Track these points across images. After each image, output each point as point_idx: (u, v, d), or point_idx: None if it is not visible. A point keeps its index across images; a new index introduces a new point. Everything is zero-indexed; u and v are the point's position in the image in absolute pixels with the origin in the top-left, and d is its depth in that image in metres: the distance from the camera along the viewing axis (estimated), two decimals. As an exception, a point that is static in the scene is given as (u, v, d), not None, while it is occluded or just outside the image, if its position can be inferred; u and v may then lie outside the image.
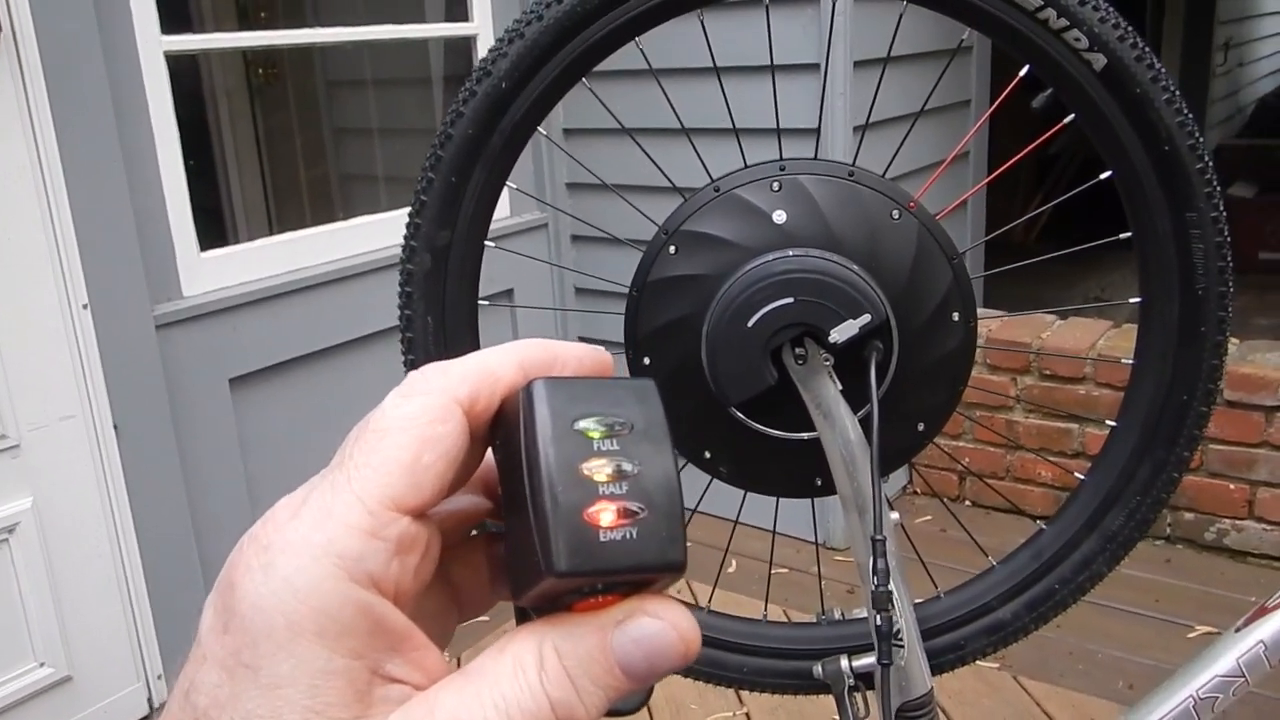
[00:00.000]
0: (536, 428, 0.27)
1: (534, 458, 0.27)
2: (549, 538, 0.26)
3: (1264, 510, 2.30)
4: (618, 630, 0.27)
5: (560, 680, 0.26)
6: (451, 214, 0.91)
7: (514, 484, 0.28)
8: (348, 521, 0.26)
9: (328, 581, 0.25)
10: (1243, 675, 0.97)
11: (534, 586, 0.27)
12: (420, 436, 0.27)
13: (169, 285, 1.90)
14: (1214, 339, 0.88)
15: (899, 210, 0.87)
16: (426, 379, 0.29)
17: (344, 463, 0.27)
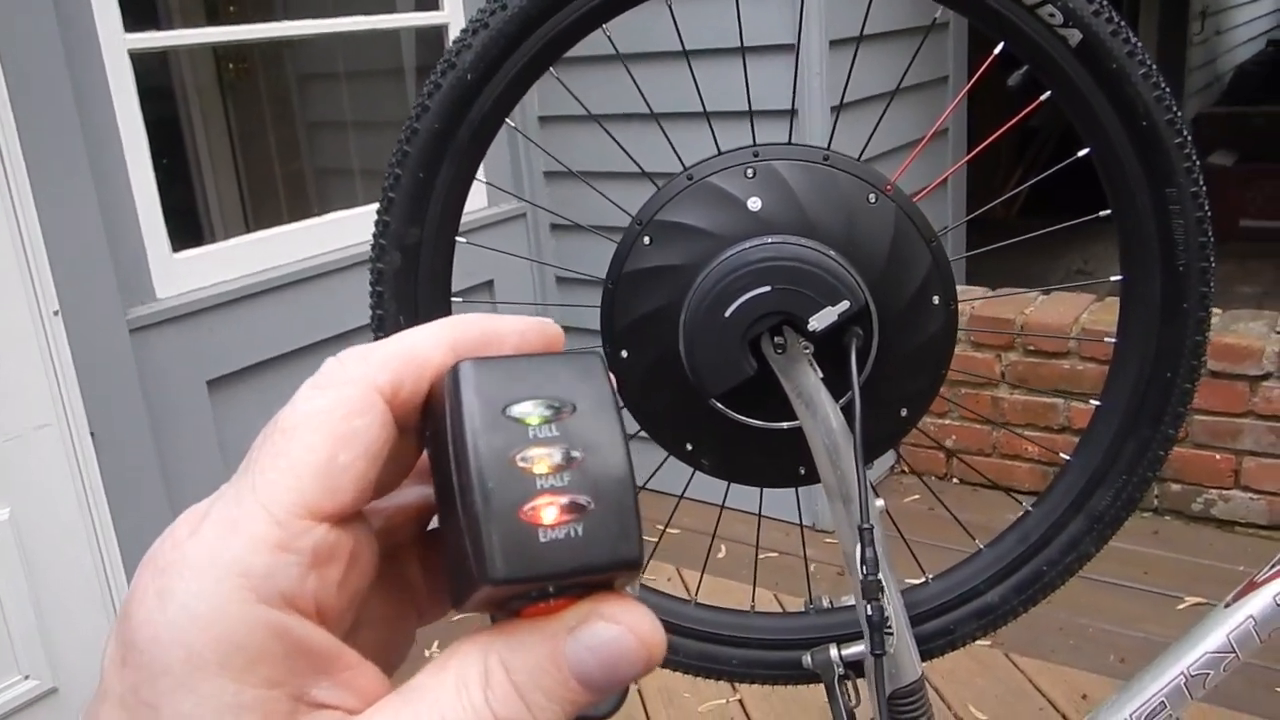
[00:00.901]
0: (464, 416, 0.24)
1: (461, 451, 0.24)
2: (482, 542, 0.23)
3: (1250, 479, 2.31)
4: (570, 639, 0.24)
5: (508, 698, 0.24)
6: (420, 210, 0.89)
7: (444, 481, 0.25)
8: (253, 534, 0.23)
9: (232, 605, 0.23)
10: (1233, 651, 0.97)
11: (470, 595, 0.24)
12: (334, 433, 0.24)
13: (142, 288, 1.88)
14: (1196, 315, 0.87)
15: (875, 194, 0.85)
16: (344, 366, 0.26)
17: (249, 468, 0.24)
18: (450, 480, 0.24)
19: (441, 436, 0.25)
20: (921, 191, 0.96)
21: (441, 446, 0.25)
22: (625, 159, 1.03)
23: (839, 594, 1.06)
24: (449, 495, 0.25)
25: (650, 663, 0.25)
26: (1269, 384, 2.22)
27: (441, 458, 0.25)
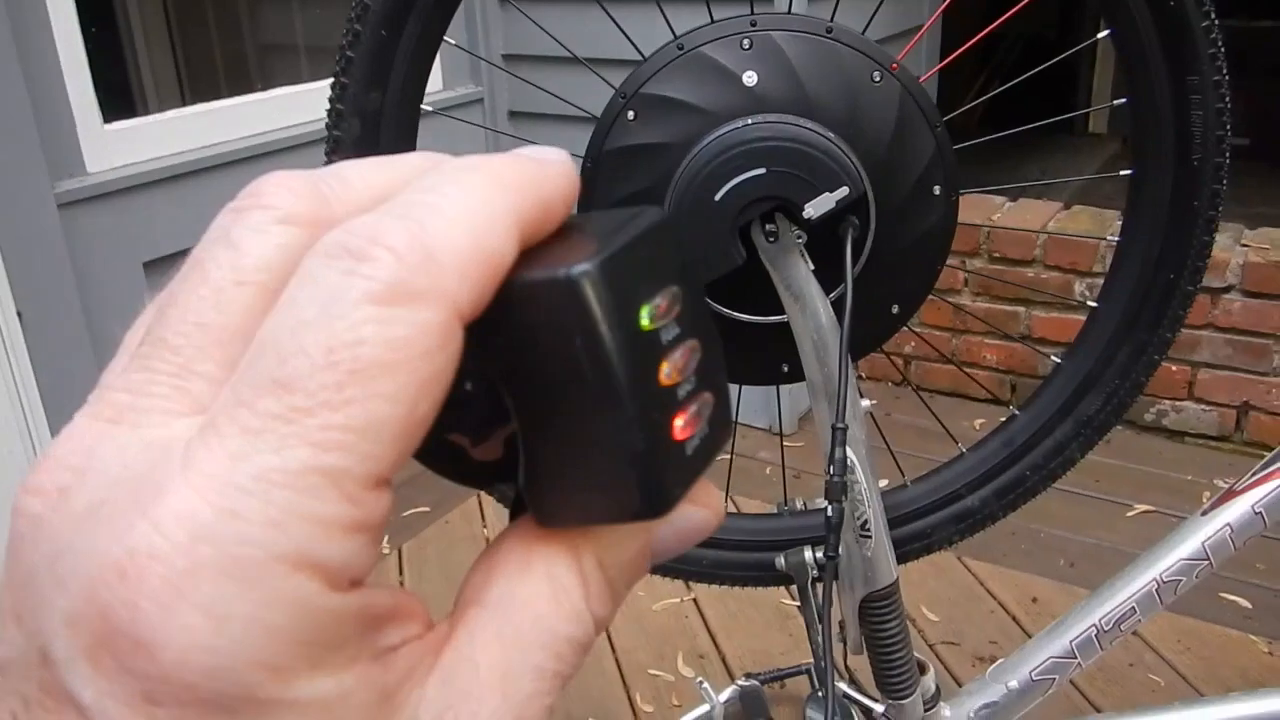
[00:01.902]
0: (602, 339, 0.20)
1: (605, 371, 0.20)
2: (648, 478, 0.20)
3: (1203, 391, 2.33)
4: (664, 525, 0.23)
5: (605, 595, 0.22)
6: (382, 73, 0.81)
7: (562, 398, 0.20)
8: (323, 516, 0.17)
9: (312, 600, 0.17)
10: (1207, 558, 0.96)
11: (602, 521, 0.22)
12: (419, 378, 0.18)
13: (70, 160, 1.76)
14: (1207, 214, 0.83)
15: (880, 72, 0.79)
16: (411, 267, 0.18)
17: (293, 414, 0.17)
18: (578, 407, 0.20)
19: (552, 355, 0.20)
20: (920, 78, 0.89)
21: (549, 364, 0.20)
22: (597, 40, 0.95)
23: (811, 500, 1.03)
24: (568, 419, 0.21)
25: (708, 536, 0.24)
26: (1230, 297, 2.23)
27: (547, 375, 0.20)
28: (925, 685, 0.96)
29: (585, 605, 0.21)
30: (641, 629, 1.81)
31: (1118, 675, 1.67)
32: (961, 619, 1.82)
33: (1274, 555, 1.93)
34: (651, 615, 1.85)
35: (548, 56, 2.19)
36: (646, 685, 1.70)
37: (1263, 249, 2.21)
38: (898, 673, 0.93)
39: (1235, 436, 2.34)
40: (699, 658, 1.75)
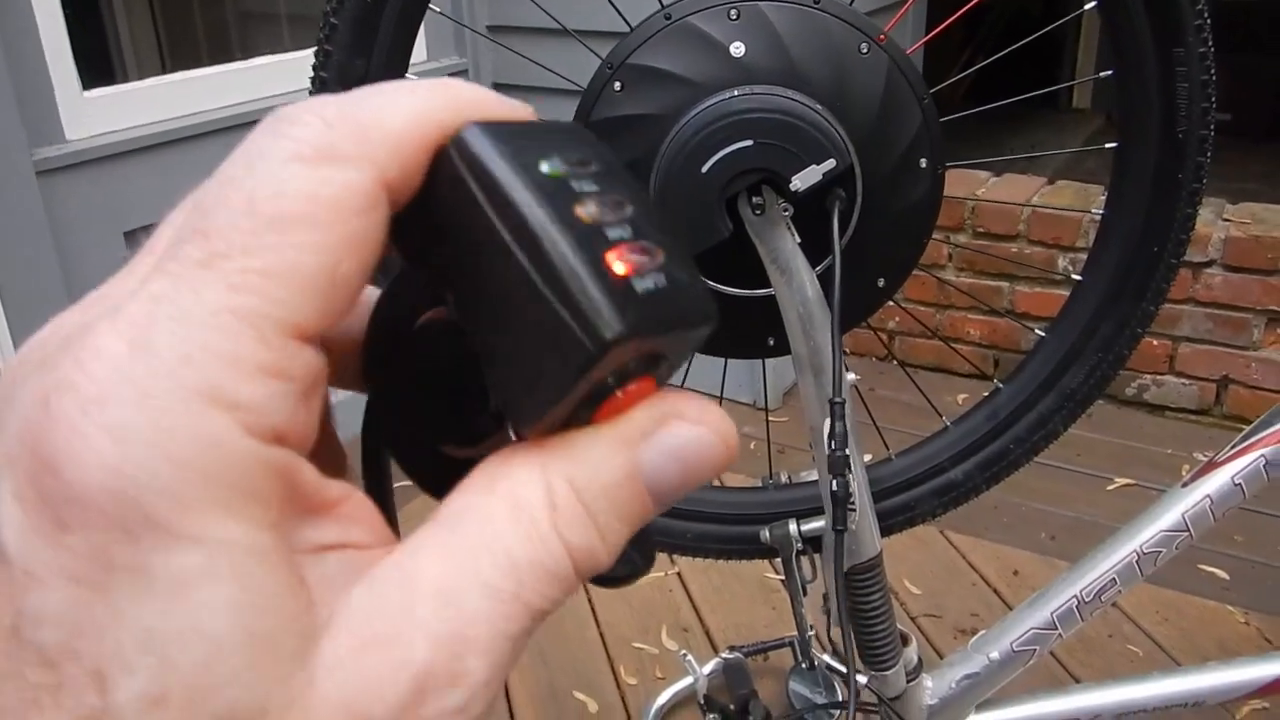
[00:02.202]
0: (500, 177, 0.20)
1: (516, 214, 0.19)
2: (583, 302, 0.19)
3: (1184, 365, 2.34)
4: (647, 445, 0.20)
5: (579, 519, 0.20)
6: (367, 39, 0.80)
7: (488, 266, 0.20)
8: (235, 355, 0.17)
9: (221, 436, 0.17)
10: (1187, 530, 0.97)
11: (566, 388, 0.20)
12: (342, 234, 0.18)
13: (49, 128, 1.73)
14: (1191, 186, 0.83)
15: (868, 44, 0.79)
16: (339, 134, 0.19)
17: (211, 259, 0.18)
18: (503, 261, 0.20)
19: (471, 213, 0.20)
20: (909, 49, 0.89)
21: (473, 227, 0.20)
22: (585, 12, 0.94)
23: (795, 473, 1.04)
24: (502, 279, 0.20)
25: (729, 463, 0.21)
26: (1211, 271, 2.24)
27: (476, 242, 0.20)
28: (908, 656, 0.97)
29: (551, 527, 0.19)
30: (625, 602, 1.82)
31: (1097, 646, 1.69)
32: (943, 592, 1.84)
33: (1252, 527, 1.95)
34: (635, 588, 1.86)
35: (533, 28, 2.17)
36: (630, 658, 1.71)
37: (1244, 224, 2.22)
38: (881, 644, 0.94)
39: (1215, 410, 2.36)
40: (683, 631, 1.77)
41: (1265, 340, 2.26)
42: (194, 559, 0.17)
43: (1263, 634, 1.72)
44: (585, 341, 0.19)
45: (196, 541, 0.17)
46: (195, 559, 0.17)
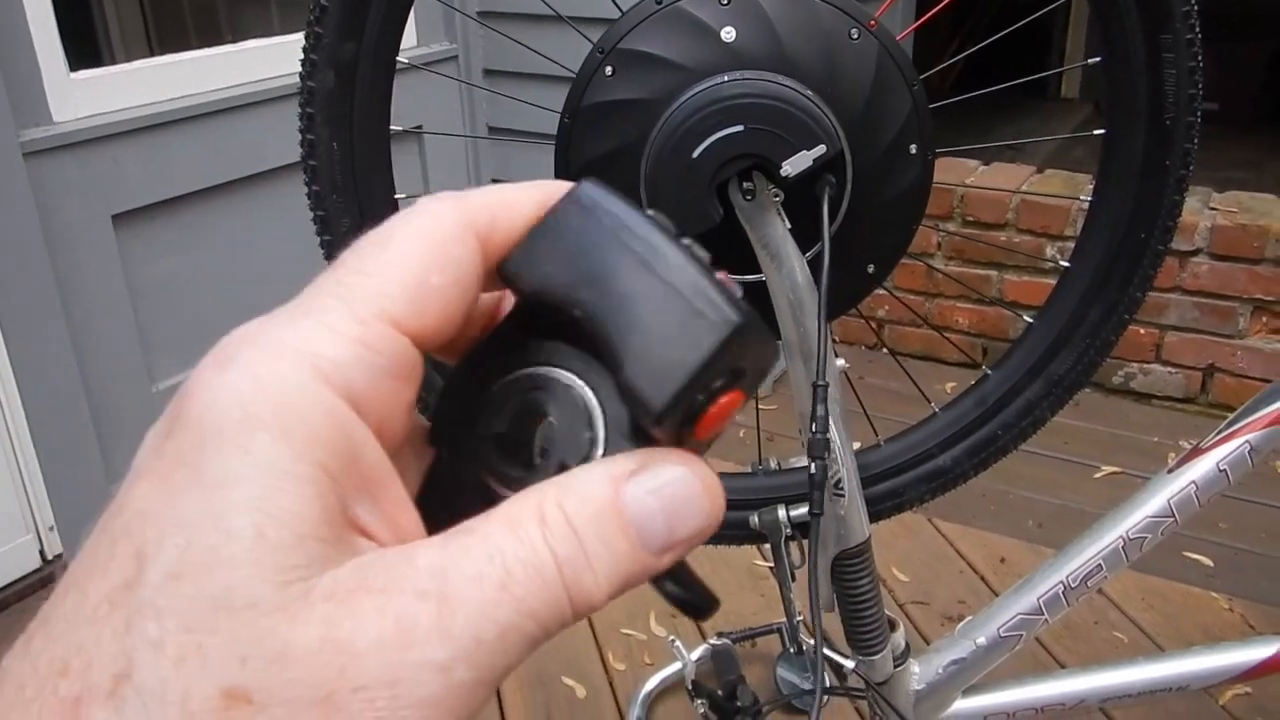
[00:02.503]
0: (627, 218, 0.25)
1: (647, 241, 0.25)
2: (711, 299, 0.24)
3: (1170, 354, 2.36)
4: (631, 481, 0.23)
5: (565, 534, 0.22)
6: (357, 22, 0.80)
7: (626, 281, 0.25)
8: (332, 325, 0.22)
9: (299, 377, 0.21)
10: (1173, 515, 0.98)
11: (696, 368, 0.24)
12: (432, 250, 0.23)
13: (36, 109, 1.72)
14: (1178, 173, 0.84)
15: (858, 29, 0.79)
16: (438, 200, 0.24)
17: (330, 275, 0.23)
18: (635, 276, 0.25)
19: (607, 242, 0.25)
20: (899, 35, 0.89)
21: (609, 254, 0.25)
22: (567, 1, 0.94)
23: (785, 459, 1.04)
24: (634, 293, 0.24)
25: (713, 516, 0.24)
26: (1197, 260, 2.25)
27: (611, 263, 0.25)
28: (895, 642, 0.98)
29: (540, 535, 0.22)
30: (615, 587, 1.83)
31: (1083, 632, 1.70)
32: (931, 579, 1.85)
33: (1236, 514, 1.97)
34: (625, 574, 1.86)
35: (523, 14, 2.16)
36: (619, 644, 1.72)
37: (1230, 212, 2.23)
38: (868, 629, 0.94)
39: (1201, 399, 2.38)
40: (671, 617, 1.77)
41: (1251, 329, 2.27)
42: (237, 465, 0.20)
43: (1246, 620, 1.73)
44: (716, 328, 0.23)
45: (245, 451, 0.20)
46: (238, 465, 0.20)
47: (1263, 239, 2.18)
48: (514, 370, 0.26)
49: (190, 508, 0.20)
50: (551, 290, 0.25)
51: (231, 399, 0.20)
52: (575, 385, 0.25)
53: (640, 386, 0.24)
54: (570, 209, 0.26)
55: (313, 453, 0.20)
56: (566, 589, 0.21)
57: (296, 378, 0.21)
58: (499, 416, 0.26)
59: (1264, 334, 2.27)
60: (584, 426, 0.25)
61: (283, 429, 0.20)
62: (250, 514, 0.19)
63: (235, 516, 0.19)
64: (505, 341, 0.26)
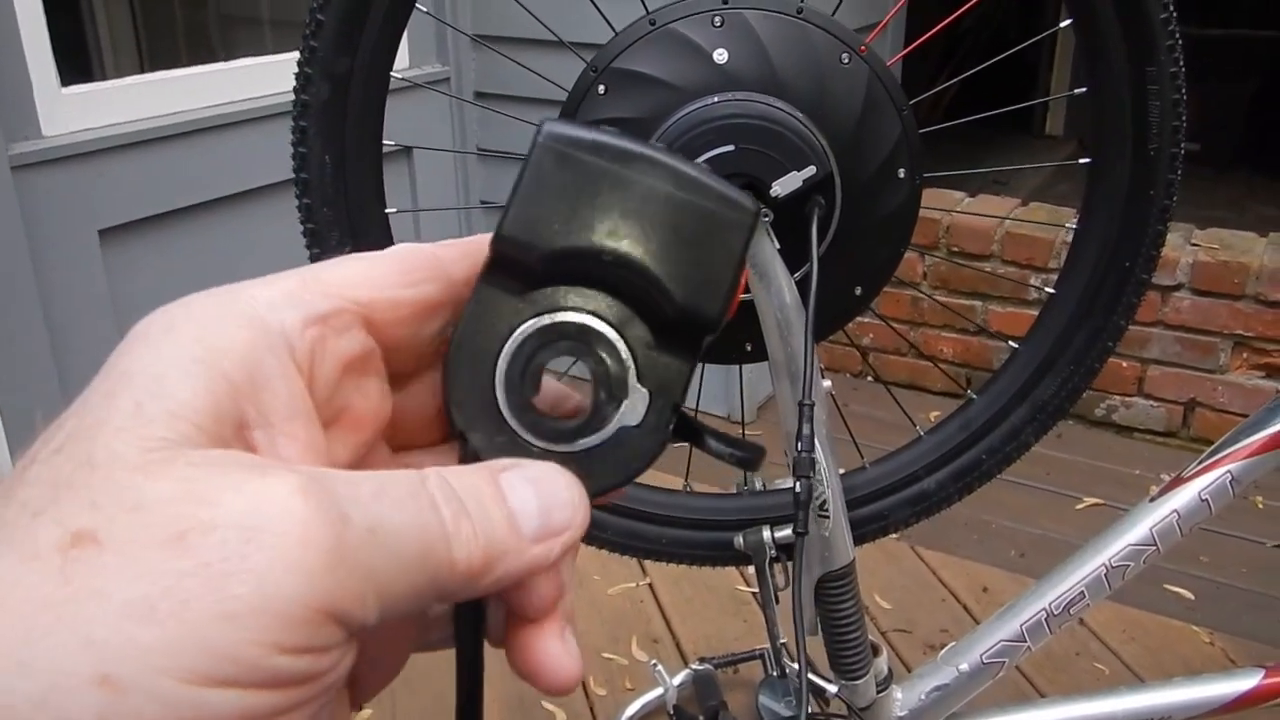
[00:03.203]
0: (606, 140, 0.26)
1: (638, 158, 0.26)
2: (733, 199, 0.26)
3: (1152, 387, 2.37)
4: (508, 472, 0.25)
5: (443, 486, 0.23)
6: (353, 38, 0.80)
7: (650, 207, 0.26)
8: (273, 280, 0.25)
9: (229, 310, 0.24)
10: (1155, 544, 0.98)
11: (739, 256, 0.26)
12: (385, 255, 0.26)
13: (26, 123, 1.72)
14: (1162, 203, 0.85)
15: (849, 54, 0.80)
16: None
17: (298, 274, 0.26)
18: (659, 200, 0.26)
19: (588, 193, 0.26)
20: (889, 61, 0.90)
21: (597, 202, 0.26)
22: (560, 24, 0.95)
23: (770, 481, 1.04)
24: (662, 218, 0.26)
25: (580, 512, 0.25)
26: (1179, 295, 2.27)
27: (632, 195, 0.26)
28: (878, 667, 0.97)
29: (419, 479, 0.23)
30: (596, 612, 1.82)
31: (1064, 663, 1.70)
32: (913, 607, 1.84)
33: (1217, 548, 1.97)
34: (607, 599, 1.85)
35: (516, 38, 2.17)
36: (600, 668, 1.71)
37: (1212, 249, 2.26)
38: (852, 653, 0.94)
39: (1182, 433, 2.39)
40: (653, 642, 1.76)
41: (1232, 364, 2.29)
42: (144, 358, 0.22)
43: (1226, 654, 1.74)
44: (744, 217, 0.26)
45: (155, 349, 0.23)
46: (144, 358, 0.22)
47: (1243, 275, 2.20)
48: (511, 335, 0.26)
49: (92, 393, 0.22)
50: (570, 245, 0.25)
51: (164, 319, 0.23)
52: (584, 325, 0.26)
53: (693, 303, 0.25)
54: (546, 158, 0.26)
55: (216, 359, 0.22)
56: (444, 525, 0.22)
57: (226, 310, 0.23)
58: (524, 387, 0.26)
59: (1245, 370, 2.29)
60: (616, 360, 0.26)
61: (195, 336, 0.23)
62: (136, 392, 0.21)
63: (122, 394, 0.21)
64: (490, 311, 0.26)
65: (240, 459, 0.21)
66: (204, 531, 0.19)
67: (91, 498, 0.19)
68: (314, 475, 0.21)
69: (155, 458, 0.20)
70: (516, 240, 0.26)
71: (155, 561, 0.19)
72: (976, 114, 1.04)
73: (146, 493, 0.20)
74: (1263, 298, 2.20)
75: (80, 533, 0.19)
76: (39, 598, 0.18)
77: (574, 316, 0.26)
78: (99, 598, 0.18)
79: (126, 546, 0.19)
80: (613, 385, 0.26)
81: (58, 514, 0.19)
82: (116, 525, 0.19)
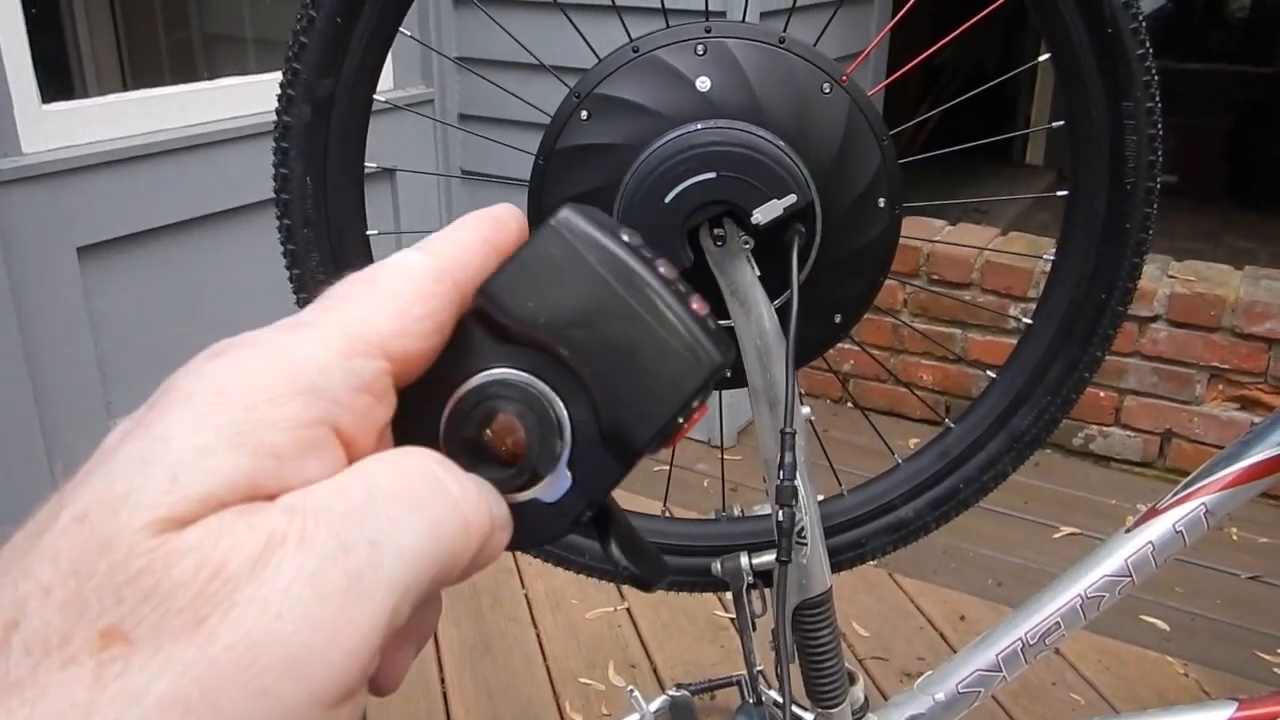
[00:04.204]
0: (611, 250, 0.26)
1: (630, 279, 0.26)
2: (696, 341, 0.26)
3: (1129, 418, 2.39)
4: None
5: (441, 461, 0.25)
6: (336, 60, 0.81)
7: (610, 321, 0.26)
8: (322, 336, 0.23)
9: (281, 375, 0.22)
10: (1130, 575, 0.98)
11: (685, 403, 0.26)
12: (414, 288, 0.25)
13: (5, 139, 1.71)
14: (1138, 236, 0.86)
15: (830, 84, 0.80)
16: (407, 251, 0.27)
17: (322, 300, 0.25)
18: (620, 317, 0.26)
19: (590, 280, 0.26)
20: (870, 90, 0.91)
21: (593, 292, 0.26)
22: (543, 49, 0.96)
23: (749, 507, 1.04)
24: (619, 335, 0.26)
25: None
26: (1156, 326, 2.29)
27: (594, 301, 0.26)
28: (854, 695, 0.97)
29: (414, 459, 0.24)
30: (574, 637, 1.81)
31: (1040, 693, 1.70)
32: (890, 634, 1.84)
33: (1192, 579, 1.98)
34: (584, 624, 1.84)
35: (500, 61, 2.18)
36: (576, 693, 1.69)
37: (1188, 280, 2.28)
38: (828, 681, 0.93)
39: (1158, 463, 2.41)
40: (630, 667, 1.75)
41: (1208, 396, 2.31)
42: (191, 424, 0.21)
43: (1201, 685, 1.74)
44: (701, 368, 0.26)
45: (202, 417, 0.21)
46: (192, 424, 0.21)
47: (1219, 308, 2.23)
48: (477, 374, 0.27)
49: (126, 451, 0.21)
50: (537, 327, 0.26)
51: (213, 379, 0.22)
52: (542, 392, 0.26)
53: (626, 428, 0.26)
54: (551, 238, 0.27)
55: (264, 433, 0.21)
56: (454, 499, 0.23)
57: (277, 375, 0.22)
58: (468, 421, 0.26)
59: (1220, 401, 2.31)
60: (554, 435, 0.26)
61: (245, 404, 0.21)
62: (173, 464, 0.20)
63: (159, 464, 0.20)
64: (463, 345, 0.27)
65: (245, 518, 0.21)
66: (225, 612, 0.19)
67: (116, 591, 0.19)
68: (302, 511, 0.21)
69: (167, 538, 0.20)
70: (495, 299, 0.26)
71: (183, 653, 0.19)
72: (957, 145, 1.05)
73: (163, 578, 0.19)
74: (1238, 330, 2.23)
75: (110, 631, 0.19)
76: (78, 703, 0.18)
77: (536, 384, 0.26)
78: (136, 700, 0.18)
79: (154, 640, 0.19)
80: (543, 458, 0.26)
81: (81, 609, 0.19)
82: (142, 618, 0.19)
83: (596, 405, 0.26)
